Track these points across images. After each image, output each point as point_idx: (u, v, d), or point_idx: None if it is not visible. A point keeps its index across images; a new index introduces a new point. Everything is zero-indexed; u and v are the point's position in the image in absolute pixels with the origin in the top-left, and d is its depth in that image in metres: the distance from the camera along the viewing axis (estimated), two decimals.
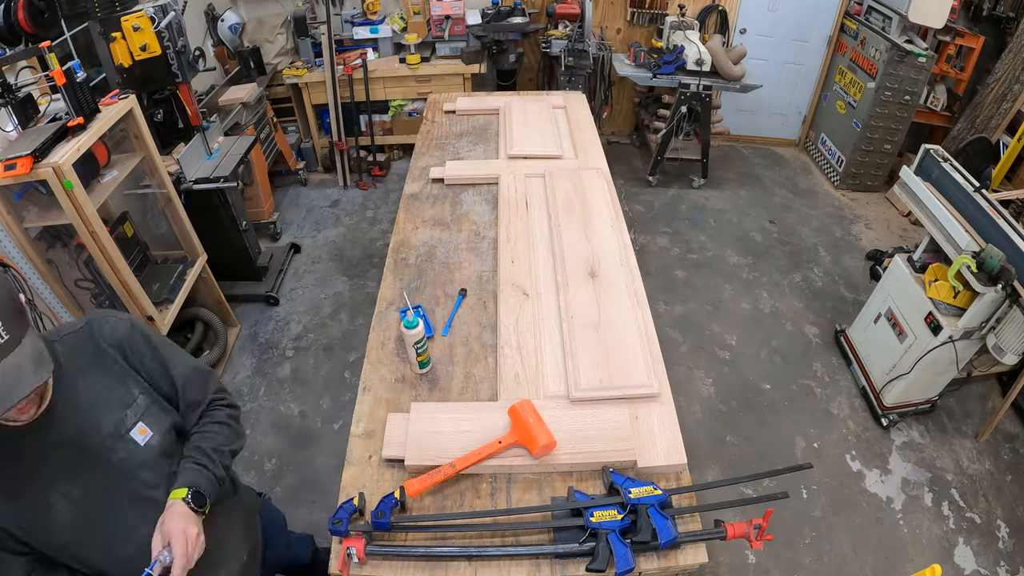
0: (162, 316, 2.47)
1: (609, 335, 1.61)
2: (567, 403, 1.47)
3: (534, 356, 1.59)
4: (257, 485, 2.54)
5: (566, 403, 1.47)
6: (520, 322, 1.69)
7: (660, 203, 4.36)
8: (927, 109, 4.31)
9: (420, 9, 4.15)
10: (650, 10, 4.38)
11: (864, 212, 4.32)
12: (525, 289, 1.80)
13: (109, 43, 2.43)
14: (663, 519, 1.20)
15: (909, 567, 2.27)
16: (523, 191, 2.23)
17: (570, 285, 1.78)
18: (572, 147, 2.54)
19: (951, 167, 2.50)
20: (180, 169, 2.82)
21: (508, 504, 1.30)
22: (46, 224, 2.10)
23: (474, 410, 1.45)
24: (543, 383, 1.52)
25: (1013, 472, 2.62)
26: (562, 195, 2.18)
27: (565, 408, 1.45)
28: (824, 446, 2.70)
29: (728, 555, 2.28)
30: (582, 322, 1.65)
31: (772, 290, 3.58)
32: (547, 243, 1.98)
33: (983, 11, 4.02)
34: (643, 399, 1.48)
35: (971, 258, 2.18)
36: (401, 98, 4.30)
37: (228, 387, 2.93)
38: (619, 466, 1.33)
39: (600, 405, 1.45)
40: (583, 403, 1.46)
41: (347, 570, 1.16)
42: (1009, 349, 2.20)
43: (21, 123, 2.00)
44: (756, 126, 5.08)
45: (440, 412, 1.43)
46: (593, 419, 1.41)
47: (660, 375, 1.54)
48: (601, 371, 1.51)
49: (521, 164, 2.40)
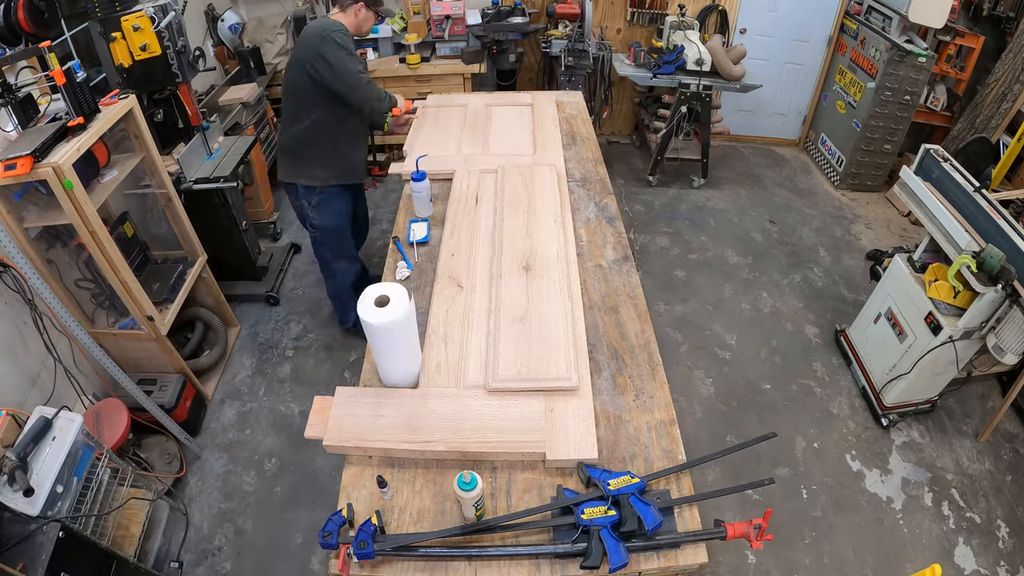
0: (162, 316, 2.47)
1: (535, 327, 1.64)
2: (484, 393, 1.49)
3: (459, 347, 1.62)
4: (257, 485, 2.55)
5: (483, 393, 1.49)
6: (450, 313, 1.73)
7: (660, 203, 4.36)
8: (927, 109, 4.31)
9: (420, 9, 4.14)
10: (650, 10, 4.38)
11: (864, 212, 4.32)
12: (460, 282, 1.83)
13: (109, 43, 2.43)
14: (645, 505, 1.21)
15: (909, 567, 2.27)
16: (475, 186, 2.26)
17: (503, 278, 1.80)
18: (532, 143, 2.56)
19: (951, 167, 2.50)
20: (180, 169, 2.82)
21: (508, 506, 1.31)
22: (46, 224, 2.10)
23: (394, 396, 1.49)
24: (464, 373, 1.54)
25: (1013, 472, 2.62)
26: (511, 190, 2.20)
27: (481, 398, 1.48)
28: (824, 446, 2.70)
29: (728, 555, 2.28)
30: (509, 314, 1.68)
31: (772, 290, 3.58)
32: (490, 237, 2.01)
33: (983, 11, 4.03)
34: (562, 392, 1.49)
35: (971, 258, 2.18)
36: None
37: (228, 387, 2.96)
38: (529, 458, 1.37)
39: (518, 397, 1.48)
40: (500, 393, 1.49)
41: (347, 570, 1.16)
42: (1009, 349, 2.20)
43: (21, 123, 2.00)
44: (756, 126, 5.08)
45: (363, 397, 1.49)
46: (508, 410, 1.44)
47: (582, 369, 1.55)
48: (520, 363, 1.54)
49: (479, 159, 2.43)
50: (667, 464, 1.39)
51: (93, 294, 2.46)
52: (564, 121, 2.85)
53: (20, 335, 2.19)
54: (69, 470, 1.76)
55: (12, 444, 1.68)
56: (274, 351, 3.15)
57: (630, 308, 1.82)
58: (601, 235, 2.13)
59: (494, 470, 1.37)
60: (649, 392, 1.56)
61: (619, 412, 1.51)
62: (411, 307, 1.38)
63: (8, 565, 1.46)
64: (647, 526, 1.19)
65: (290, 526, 2.39)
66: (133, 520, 2.08)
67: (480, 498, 1.21)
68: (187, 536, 2.34)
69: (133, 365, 2.55)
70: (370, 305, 1.37)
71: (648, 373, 1.61)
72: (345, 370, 3.03)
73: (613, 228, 2.17)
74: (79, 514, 1.76)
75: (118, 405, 2.33)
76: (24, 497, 1.59)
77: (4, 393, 2.10)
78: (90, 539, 1.72)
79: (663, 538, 1.22)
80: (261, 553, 2.31)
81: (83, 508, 1.79)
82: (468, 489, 1.17)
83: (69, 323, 2.11)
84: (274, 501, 2.48)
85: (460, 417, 1.43)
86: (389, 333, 1.37)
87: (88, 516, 1.80)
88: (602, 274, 1.95)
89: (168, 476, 2.46)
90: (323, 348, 3.16)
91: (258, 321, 3.33)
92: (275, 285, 3.46)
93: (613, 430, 1.46)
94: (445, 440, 1.38)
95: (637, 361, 1.65)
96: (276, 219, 3.96)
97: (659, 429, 1.47)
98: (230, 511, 2.45)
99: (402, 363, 1.50)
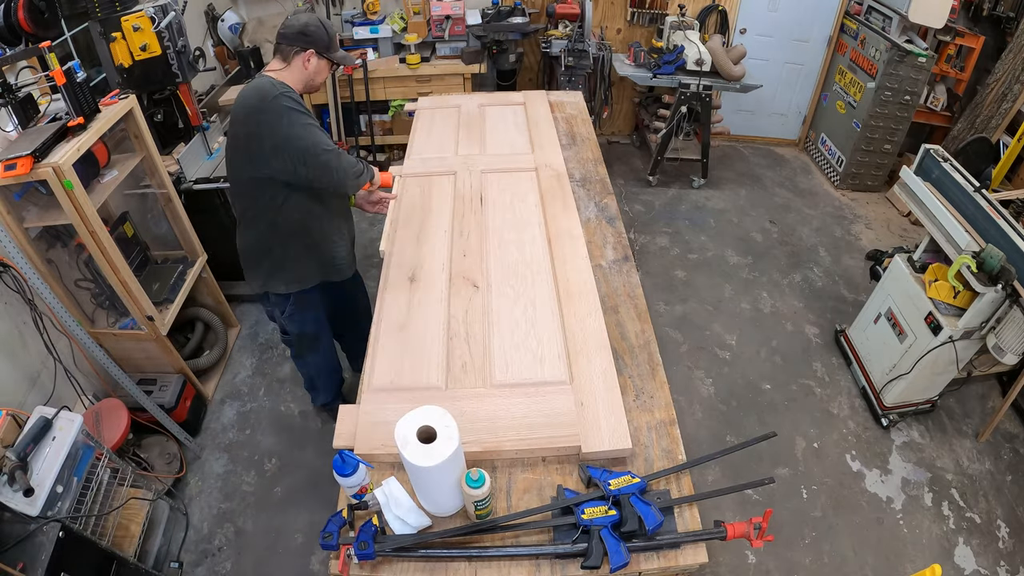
0: (162, 316, 2.47)
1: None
2: (511, 391, 1.50)
3: (482, 347, 1.63)
4: (257, 485, 2.55)
5: (510, 391, 1.50)
6: (469, 314, 1.74)
7: (660, 203, 4.36)
8: (927, 109, 4.30)
9: (420, 9, 4.14)
10: (650, 10, 4.38)
11: (864, 212, 4.32)
12: (476, 281, 1.84)
13: (109, 43, 2.43)
14: (646, 505, 1.21)
15: (909, 567, 2.27)
16: (478, 187, 2.27)
17: (493, 287, 1.83)
18: (529, 143, 2.57)
19: (951, 167, 2.50)
20: (180, 169, 2.81)
21: (508, 506, 1.31)
22: (46, 224, 2.10)
23: (421, 401, 1.47)
24: (491, 372, 1.55)
25: (1013, 472, 2.62)
26: (508, 189, 2.22)
27: (509, 396, 1.49)
28: (824, 446, 2.70)
29: (728, 555, 2.28)
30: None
31: (772, 290, 3.58)
32: (499, 238, 2.04)
33: (983, 11, 4.02)
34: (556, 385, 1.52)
35: (971, 258, 2.18)
36: (401, 98, 4.29)
37: (228, 387, 2.96)
38: (564, 452, 1.37)
39: (546, 392, 1.49)
40: (525, 389, 1.51)
41: (347, 570, 1.16)
42: (1009, 349, 2.20)
43: (21, 123, 2.00)
44: (756, 126, 5.08)
45: (390, 403, 1.46)
46: (539, 406, 1.45)
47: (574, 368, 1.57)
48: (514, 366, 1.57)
49: (477, 159, 2.43)
50: (667, 464, 1.39)
51: (93, 294, 2.46)
52: (564, 121, 2.85)
53: (20, 335, 2.19)
54: (69, 470, 1.76)
55: (12, 444, 1.68)
56: (274, 351, 3.15)
57: (630, 308, 1.83)
58: (601, 235, 2.13)
59: (494, 470, 1.37)
60: (649, 392, 1.56)
61: None
62: (459, 436, 1.15)
63: (8, 565, 1.46)
64: (648, 526, 1.19)
65: (290, 526, 2.39)
66: (133, 520, 2.08)
67: (487, 497, 1.18)
68: (187, 536, 2.34)
69: (133, 365, 2.55)
70: (415, 444, 1.13)
71: (648, 373, 1.61)
72: (345, 370, 3.03)
73: (613, 228, 2.17)
74: (79, 514, 1.76)
75: (118, 405, 2.33)
76: (24, 497, 1.58)
77: (4, 393, 2.10)
78: (90, 539, 1.72)
79: (663, 538, 1.22)
80: (261, 553, 2.31)
81: (83, 508, 1.79)
82: (476, 486, 1.15)
83: (69, 323, 2.11)
84: (274, 501, 2.48)
85: (494, 416, 1.43)
86: (440, 471, 1.14)
87: (88, 516, 1.80)
88: (602, 274, 1.95)
89: (168, 476, 2.46)
90: None
91: (258, 321, 3.32)
92: None
93: None
94: (480, 441, 1.37)
95: (637, 361, 1.65)
96: None
97: (659, 429, 1.47)
98: (230, 511, 2.45)
99: (453, 492, 1.25)
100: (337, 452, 1.21)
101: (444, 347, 1.62)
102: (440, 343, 1.63)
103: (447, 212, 2.14)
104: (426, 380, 1.53)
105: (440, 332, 1.66)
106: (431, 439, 1.14)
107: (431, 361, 1.58)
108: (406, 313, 1.74)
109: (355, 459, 1.21)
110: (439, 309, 1.74)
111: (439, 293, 1.80)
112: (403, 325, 1.70)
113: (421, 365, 1.57)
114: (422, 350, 1.61)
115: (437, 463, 1.10)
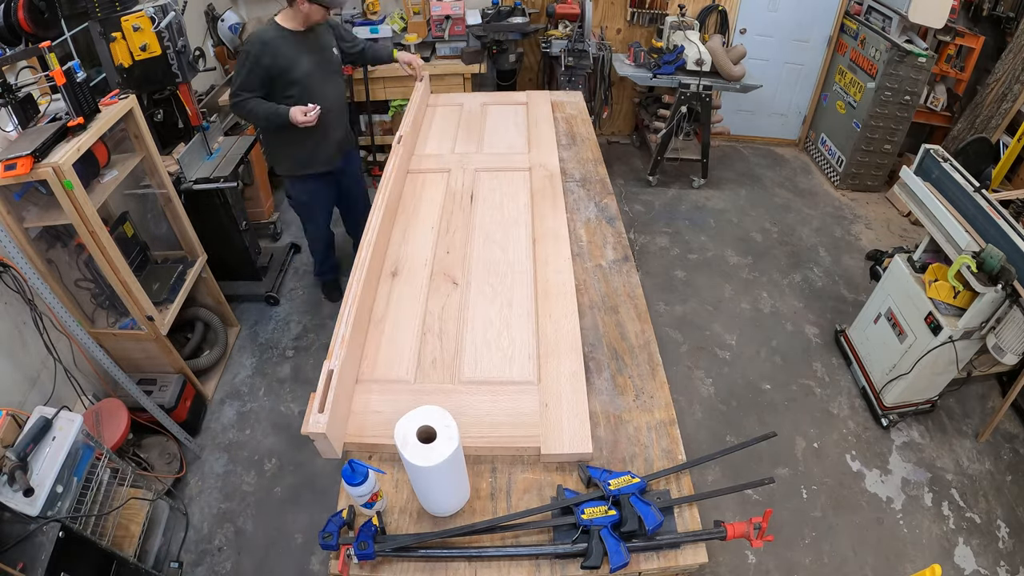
0: (162, 316, 2.47)
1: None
2: (476, 388, 1.50)
3: (454, 343, 1.62)
4: (257, 485, 2.55)
5: (475, 388, 1.50)
6: (445, 310, 1.73)
7: (660, 203, 4.36)
8: (927, 109, 4.31)
9: (420, 9, 4.14)
10: (650, 10, 4.38)
11: (864, 212, 4.33)
12: (456, 279, 1.85)
13: (109, 43, 2.43)
14: (646, 505, 1.21)
15: (909, 567, 2.27)
16: (470, 185, 2.27)
17: (472, 284, 1.83)
18: (526, 142, 2.57)
19: (951, 167, 2.50)
20: (180, 169, 2.81)
21: (508, 506, 1.31)
22: (46, 224, 2.10)
23: (389, 392, 1.49)
24: (460, 368, 1.55)
25: (1013, 472, 2.62)
26: (498, 189, 2.23)
27: (476, 393, 1.49)
28: (824, 446, 2.70)
29: (728, 555, 2.28)
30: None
31: (772, 290, 3.58)
32: (486, 233, 2.04)
33: (983, 11, 4.03)
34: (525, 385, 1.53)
35: (971, 258, 2.18)
36: (401, 98, 4.29)
37: (228, 387, 2.96)
38: (524, 453, 1.38)
39: (509, 390, 1.49)
40: (492, 386, 1.51)
41: (347, 571, 1.16)
42: (1009, 349, 2.20)
43: (21, 123, 2.00)
44: (756, 126, 5.08)
45: (360, 393, 1.47)
46: (502, 404, 1.46)
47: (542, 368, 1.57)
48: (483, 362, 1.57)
49: (472, 158, 2.44)
50: (667, 464, 1.38)
51: (93, 294, 2.46)
52: (564, 121, 2.85)
53: (20, 335, 2.19)
54: (69, 470, 1.76)
55: (12, 444, 1.68)
56: (274, 351, 3.15)
57: (630, 308, 1.82)
58: (601, 235, 2.13)
59: (494, 470, 1.37)
60: (649, 392, 1.56)
61: (619, 412, 1.51)
62: (459, 436, 1.15)
63: (8, 565, 1.46)
64: (648, 526, 1.19)
65: (290, 526, 2.39)
66: (133, 520, 2.08)
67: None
68: (187, 536, 2.34)
69: (133, 365, 2.55)
70: (415, 444, 1.11)
71: (648, 373, 1.61)
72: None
73: (613, 228, 2.16)
74: (79, 514, 1.76)
75: (118, 405, 2.33)
76: (24, 497, 1.58)
77: (4, 393, 2.10)
78: (90, 539, 1.72)
79: (663, 538, 1.22)
80: (261, 553, 2.31)
81: (83, 508, 1.79)
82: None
83: (69, 323, 2.11)
84: (274, 501, 2.48)
85: (457, 412, 1.42)
86: (439, 472, 1.13)
87: (88, 516, 1.80)
88: (602, 274, 1.95)
89: (168, 476, 2.46)
90: (323, 348, 3.16)
91: (258, 321, 3.33)
92: (275, 285, 3.46)
93: (613, 430, 1.46)
94: None
95: (637, 361, 1.65)
96: (276, 219, 3.96)
97: (659, 429, 1.47)
98: (230, 511, 2.45)
99: (453, 492, 1.25)
100: (347, 461, 1.17)
101: (417, 341, 1.62)
102: (414, 337, 1.63)
103: (436, 209, 2.15)
104: (396, 373, 1.54)
105: (415, 327, 1.66)
106: (431, 439, 1.14)
107: (403, 355, 1.58)
108: (384, 307, 1.74)
109: (365, 467, 1.17)
110: (417, 304, 1.75)
111: (419, 289, 1.80)
112: (380, 318, 1.71)
113: (393, 358, 1.58)
114: (395, 343, 1.62)
115: (437, 463, 1.10)
